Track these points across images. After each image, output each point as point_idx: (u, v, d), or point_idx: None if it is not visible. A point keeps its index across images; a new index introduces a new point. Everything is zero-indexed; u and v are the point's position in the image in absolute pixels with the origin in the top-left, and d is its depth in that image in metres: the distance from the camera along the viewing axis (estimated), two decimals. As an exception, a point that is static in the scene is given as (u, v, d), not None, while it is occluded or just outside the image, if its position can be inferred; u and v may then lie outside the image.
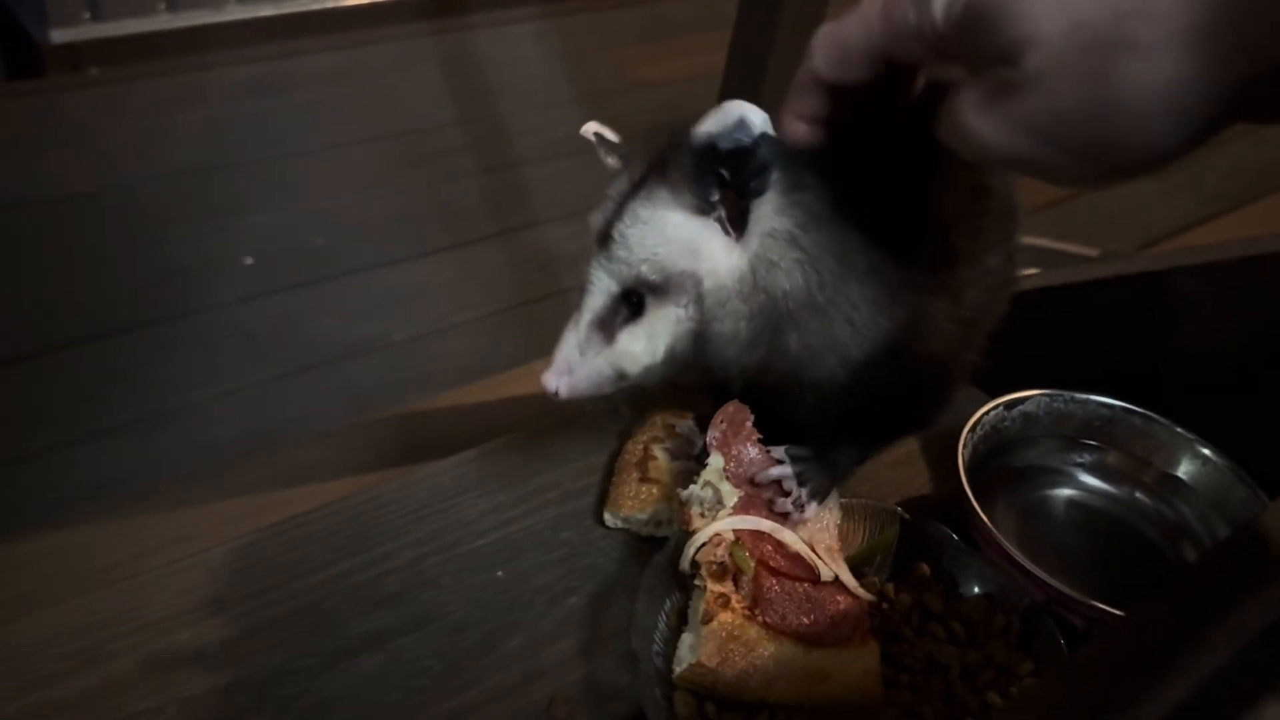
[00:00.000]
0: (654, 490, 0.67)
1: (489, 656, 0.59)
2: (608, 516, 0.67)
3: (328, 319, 1.53)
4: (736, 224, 0.53)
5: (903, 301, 0.55)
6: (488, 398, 1.20)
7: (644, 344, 0.55)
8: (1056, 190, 1.97)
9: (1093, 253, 1.44)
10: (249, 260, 1.60)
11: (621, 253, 0.53)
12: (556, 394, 0.56)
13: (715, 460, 0.60)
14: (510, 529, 0.68)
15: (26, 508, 1.20)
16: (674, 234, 0.53)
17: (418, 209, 1.78)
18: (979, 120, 0.40)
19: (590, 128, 0.60)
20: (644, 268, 0.53)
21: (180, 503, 1.02)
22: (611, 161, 0.59)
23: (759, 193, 0.51)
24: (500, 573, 0.64)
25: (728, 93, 1.02)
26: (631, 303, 0.54)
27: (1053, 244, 1.46)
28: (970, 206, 0.57)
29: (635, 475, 0.67)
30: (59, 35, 1.95)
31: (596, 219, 0.56)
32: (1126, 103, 0.35)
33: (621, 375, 0.56)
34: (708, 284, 0.53)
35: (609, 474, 0.70)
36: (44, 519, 1.06)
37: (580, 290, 0.56)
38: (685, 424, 0.70)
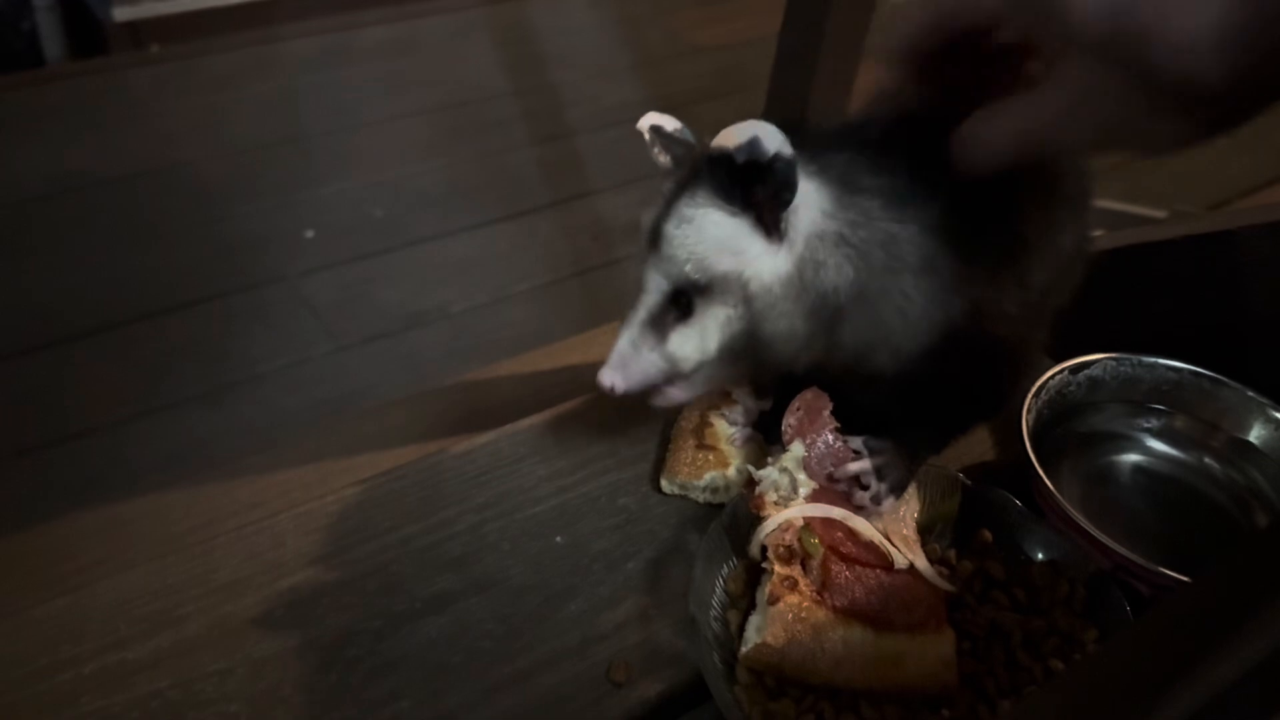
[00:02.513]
0: (710, 457, 0.67)
1: (549, 620, 0.60)
2: (664, 483, 0.68)
3: (389, 290, 1.54)
4: (773, 229, 0.52)
5: (963, 294, 0.54)
6: (545, 366, 1.20)
7: (695, 343, 0.54)
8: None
9: (1160, 214, 1.40)
10: (310, 233, 1.62)
11: (669, 251, 0.53)
12: (613, 390, 0.55)
13: (796, 448, 0.60)
14: (569, 495, 0.68)
15: (101, 478, 1.24)
16: (715, 233, 0.52)
17: (475, 179, 1.79)
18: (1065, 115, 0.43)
19: (648, 120, 0.58)
20: (689, 267, 0.52)
21: (248, 471, 1.04)
22: (665, 160, 0.58)
23: (783, 207, 0.51)
24: (559, 538, 0.65)
25: (783, 56, 1.01)
26: (681, 302, 0.54)
27: (1120, 205, 1.42)
28: (1045, 198, 0.56)
29: (692, 442, 0.68)
30: (122, 13, 1.98)
31: (646, 215, 0.55)
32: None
33: (675, 373, 0.55)
34: (753, 287, 0.52)
35: (665, 441, 0.71)
36: (117, 488, 1.09)
37: (636, 288, 0.55)
38: (741, 391, 0.70)
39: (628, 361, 0.55)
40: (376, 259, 1.60)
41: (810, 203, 0.52)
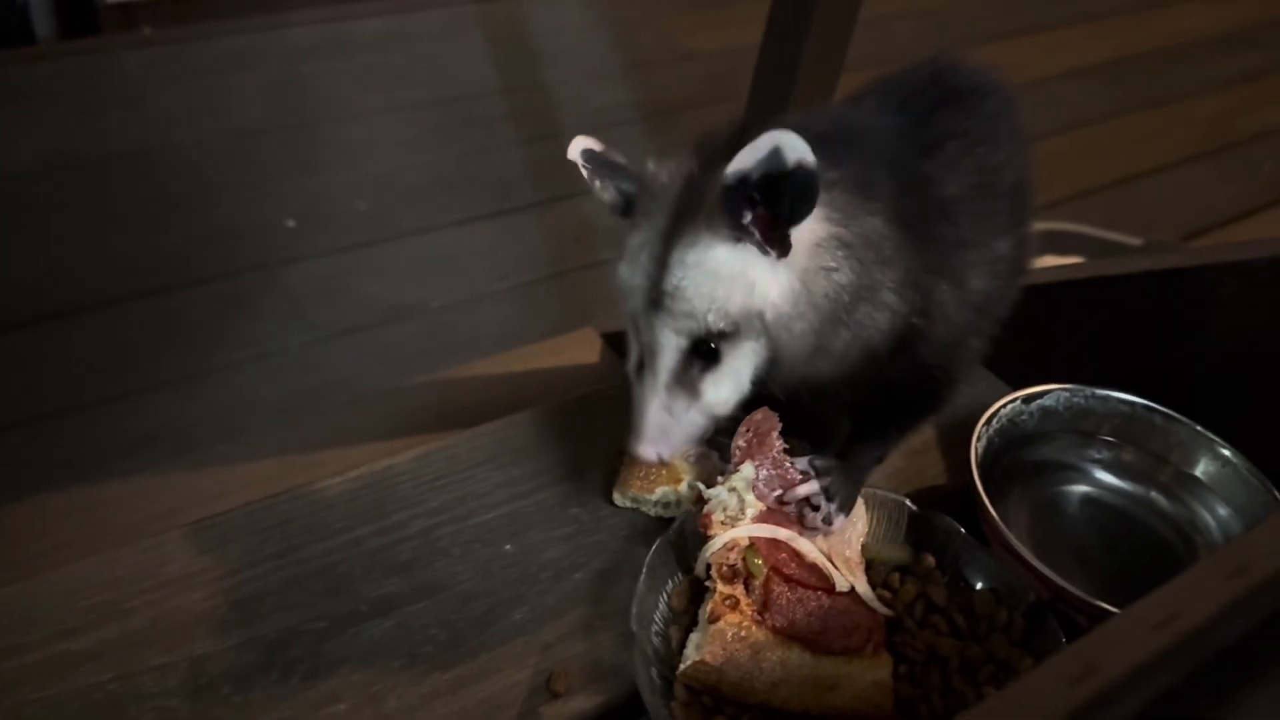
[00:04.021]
0: (663, 472, 0.67)
1: (493, 628, 0.61)
2: (616, 496, 0.68)
3: (368, 283, 1.54)
4: (776, 244, 0.50)
5: (917, 286, 0.55)
6: (518, 368, 1.21)
7: (731, 387, 0.53)
8: (1106, 175, 1.94)
9: (1136, 241, 1.41)
10: (292, 223, 1.62)
11: (682, 307, 0.51)
12: (660, 459, 0.54)
13: (746, 469, 0.61)
14: (521, 503, 0.69)
15: (72, 459, 1.24)
16: (726, 272, 0.50)
17: (460, 176, 1.79)
18: None
19: (579, 145, 0.56)
20: (710, 317, 0.51)
21: (216, 461, 1.04)
22: (608, 196, 0.55)
23: (800, 219, 0.49)
24: (509, 546, 0.66)
25: (764, 65, 1.01)
26: (704, 352, 0.52)
27: (1096, 231, 1.43)
28: (974, 189, 0.57)
29: (645, 455, 0.68)
30: (115, -6, 1.97)
31: (629, 274, 0.53)
32: None
33: (714, 420, 0.55)
34: (770, 316, 0.51)
35: (621, 453, 0.71)
36: (88, 471, 1.09)
37: (641, 351, 0.54)
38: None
39: (668, 430, 0.53)
40: (358, 251, 1.60)
41: None
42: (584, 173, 0.56)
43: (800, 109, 0.94)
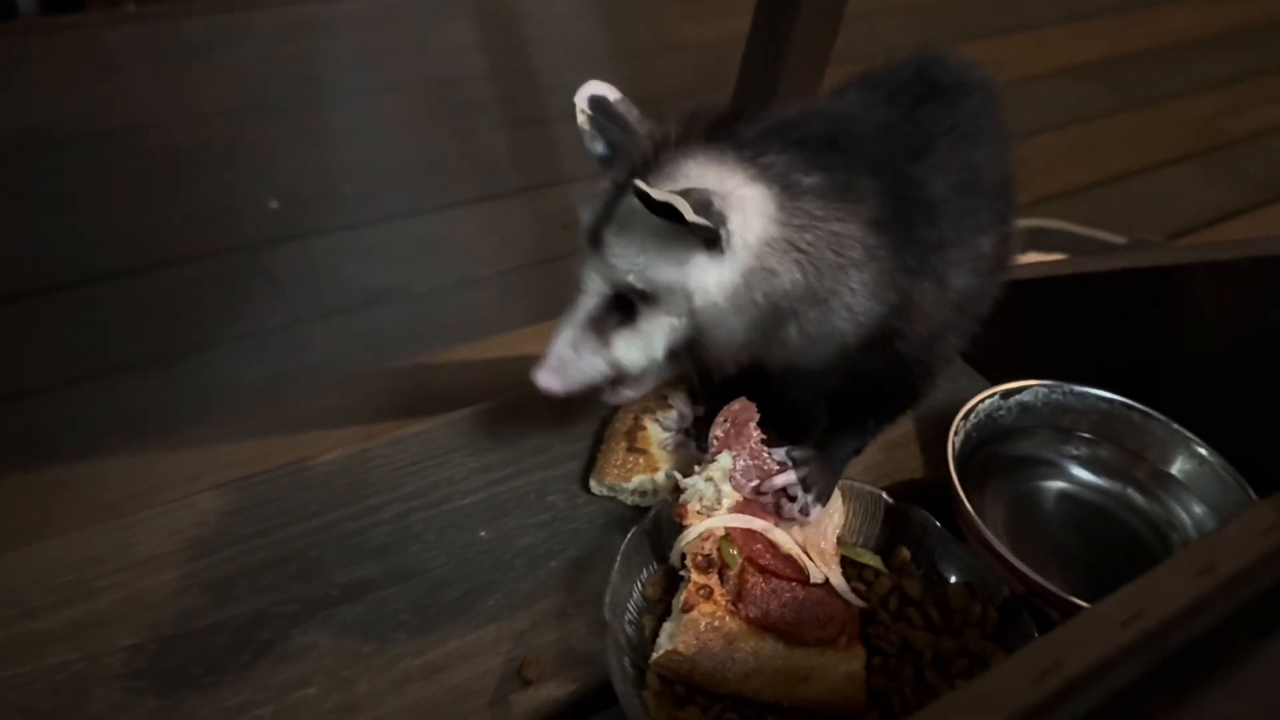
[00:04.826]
0: (641, 460, 0.67)
1: (466, 614, 0.60)
2: (593, 484, 0.68)
3: (350, 266, 1.53)
4: (712, 245, 0.51)
5: (895, 286, 0.55)
6: (499, 354, 1.21)
7: (640, 349, 0.54)
8: (1093, 174, 1.94)
9: (1120, 239, 1.41)
10: (275, 204, 1.61)
11: (610, 258, 0.52)
12: (550, 391, 0.55)
13: (724, 459, 0.60)
14: (497, 489, 0.68)
15: (52, 437, 1.22)
16: (656, 244, 0.51)
17: (446, 160, 1.78)
18: None
19: (588, 90, 0.56)
20: (630, 276, 0.52)
21: (193, 442, 1.04)
22: (599, 148, 0.56)
23: (713, 247, 0.50)
24: (484, 532, 0.65)
25: (751, 56, 1.01)
26: (624, 306, 0.53)
27: (1080, 229, 1.43)
28: (958, 187, 0.57)
29: (623, 444, 0.68)
30: (100, -31, 1.95)
31: (585, 213, 0.54)
32: None
33: (619, 375, 0.55)
34: (698, 301, 0.52)
35: (599, 441, 0.71)
36: (68, 449, 1.08)
37: (575, 287, 0.55)
38: (677, 396, 0.71)
39: (567, 365, 0.55)
40: (341, 234, 1.58)
41: (757, 209, 0.51)
42: (580, 118, 0.56)
43: (786, 101, 0.93)
